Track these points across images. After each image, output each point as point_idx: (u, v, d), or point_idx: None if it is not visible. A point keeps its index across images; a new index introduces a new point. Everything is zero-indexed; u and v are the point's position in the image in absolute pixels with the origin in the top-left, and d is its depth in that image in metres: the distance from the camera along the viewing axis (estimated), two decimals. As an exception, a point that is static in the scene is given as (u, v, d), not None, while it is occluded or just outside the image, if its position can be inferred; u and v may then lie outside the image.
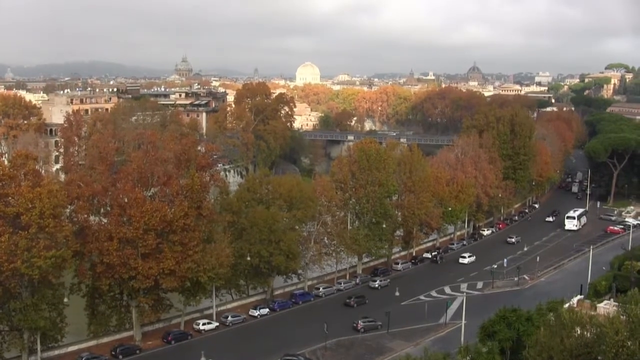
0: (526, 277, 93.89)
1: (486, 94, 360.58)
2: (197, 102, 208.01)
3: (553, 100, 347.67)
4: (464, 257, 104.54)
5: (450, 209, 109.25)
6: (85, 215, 65.47)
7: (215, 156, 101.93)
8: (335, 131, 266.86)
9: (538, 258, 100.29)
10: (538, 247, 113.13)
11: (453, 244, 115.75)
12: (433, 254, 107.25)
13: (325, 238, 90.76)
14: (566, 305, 56.79)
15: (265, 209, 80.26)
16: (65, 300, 62.91)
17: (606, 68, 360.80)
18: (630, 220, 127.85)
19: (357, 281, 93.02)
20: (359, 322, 74.26)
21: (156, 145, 77.66)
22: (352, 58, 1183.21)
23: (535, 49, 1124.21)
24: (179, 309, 73.36)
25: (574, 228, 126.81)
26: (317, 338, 68.42)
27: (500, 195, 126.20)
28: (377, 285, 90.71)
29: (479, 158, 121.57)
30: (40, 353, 62.64)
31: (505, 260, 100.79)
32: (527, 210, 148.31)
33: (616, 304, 54.81)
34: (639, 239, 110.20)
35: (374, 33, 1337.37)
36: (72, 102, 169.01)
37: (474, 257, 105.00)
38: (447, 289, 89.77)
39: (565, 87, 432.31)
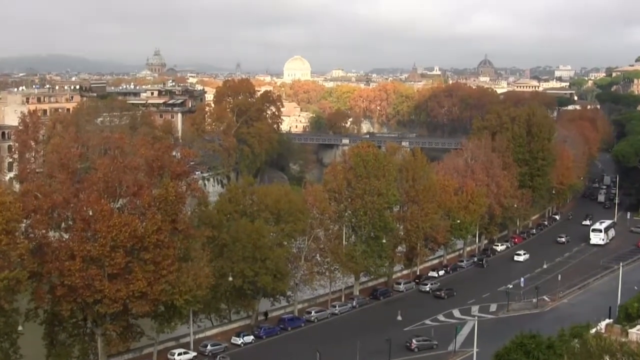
0: (546, 299, 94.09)
1: (499, 90, 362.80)
2: (171, 102, 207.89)
3: (575, 98, 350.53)
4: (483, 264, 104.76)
5: (458, 221, 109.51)
6: (44, 231, 65.01)
7: (192, 163, 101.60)
8: (328, 134, 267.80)
9: (560, 276, 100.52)
10: (560, 264, 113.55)
11: (462, 261, 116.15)
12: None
13: (318, 255, 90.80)
14: (593, 331, 56.92)
15: (249, 222, 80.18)
16: (20, 328, 62.31)
17: (637, 61, 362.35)
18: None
19: (354, 304, 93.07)
20: (413, 341, 76.19)
21: (125, 150, 77.46)
22: (347, 51, 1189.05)
23: (555, 40, 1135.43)
24: (151, 337, 72.93)
25: (601, 242, 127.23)
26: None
27: (515, 205, 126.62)
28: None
29: (491, 163, 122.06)
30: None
31: (522, 279, 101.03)
32: (546, 223, 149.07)
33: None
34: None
35: (371, 23, 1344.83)
36: (27, 102, 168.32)
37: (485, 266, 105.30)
38: (456, 312, 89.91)
39: (590, 82, 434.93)
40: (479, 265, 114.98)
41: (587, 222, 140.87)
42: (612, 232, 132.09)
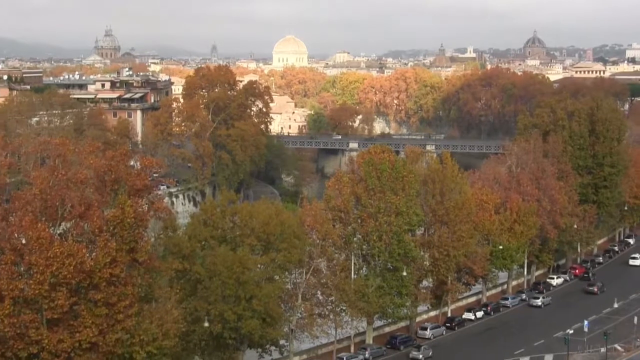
0: (618, 348, 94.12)
1: (552, 77, 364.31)
2: (128, 96, 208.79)
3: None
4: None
5: (501, 247, 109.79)
6: (-37, 264, 65.34)
7: (156, 175, 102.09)
8: (330, 136, 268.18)
9: (636, 319, 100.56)
10: (635, 303, 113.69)
11: (507, 299, 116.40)
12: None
13: (319, 292, 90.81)
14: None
15: (230, 251, 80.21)
16: None
17: None
18: None
19: (367, 355, 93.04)
20: None
21: (68, 159, 77.63)
22: (354, 29, 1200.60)
23: (626, 11, 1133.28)
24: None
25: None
26: None
27: (575, 226, 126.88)
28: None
29: (542, 172, 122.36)
30: None
31: (585, 322, 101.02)
32: (616, 248, 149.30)
33: None
34: None
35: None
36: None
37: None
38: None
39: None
40: (530, 304, 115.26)
41: None
42: None
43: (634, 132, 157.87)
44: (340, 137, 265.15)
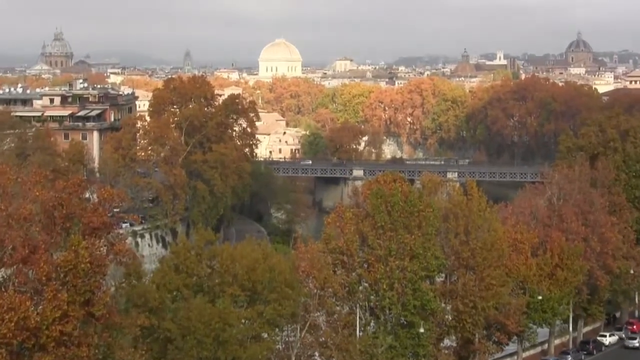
0: None
1: (601, 88, 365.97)
2: (82, 113, 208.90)
3: None
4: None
5: (540, 297, 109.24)
6: None
7: (117, 210, 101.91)
8: (330, 161, 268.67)
9: None
10: None
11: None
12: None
13: (317, 354, 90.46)
14: None
15: (208, 303, 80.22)
16: None
17: None
18: None
19: None
20: None
21: (9, 191, 77.82)
22: (359, 32, 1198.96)
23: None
24: None
25: None
26: None
27: (632, 271, 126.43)
28: None
29: (590, 205, 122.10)
30: None
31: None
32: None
33: None
34: None
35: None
36: None
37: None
38: None
39: None
40: None
41: None
42: None
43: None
44: (341, 162, 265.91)
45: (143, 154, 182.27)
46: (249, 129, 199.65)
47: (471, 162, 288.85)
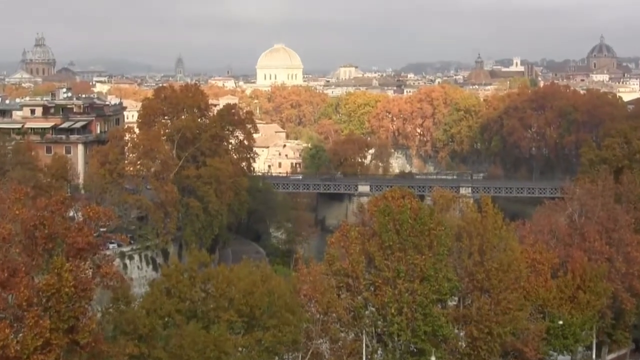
0: None
1: (626, 96, 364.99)
2: (66, 125, 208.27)
3: None
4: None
5: (561, 322, 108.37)
6: None
7: (104, 229, 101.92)
8: (334, 176, 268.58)
9: None
10: None
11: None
12: None
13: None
14: None
15: (202, 329, 79.82)
16: None
17: None
18: None
19: None
20: None
21: (-13, 210, 77.69)
22: (365, 36, 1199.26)
23: None
24: None
25: None
26: None
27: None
28: None
29: (615, 223, 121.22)
30: None
31: None
32: None
33: None
34: None
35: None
36: None
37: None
38: None
39: None
40: None
41: None
42: None
43: None
44: (346, 177, 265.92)
45: (132, 168, 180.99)
46: (246, 142, 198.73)
47: (486, 176, 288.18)
